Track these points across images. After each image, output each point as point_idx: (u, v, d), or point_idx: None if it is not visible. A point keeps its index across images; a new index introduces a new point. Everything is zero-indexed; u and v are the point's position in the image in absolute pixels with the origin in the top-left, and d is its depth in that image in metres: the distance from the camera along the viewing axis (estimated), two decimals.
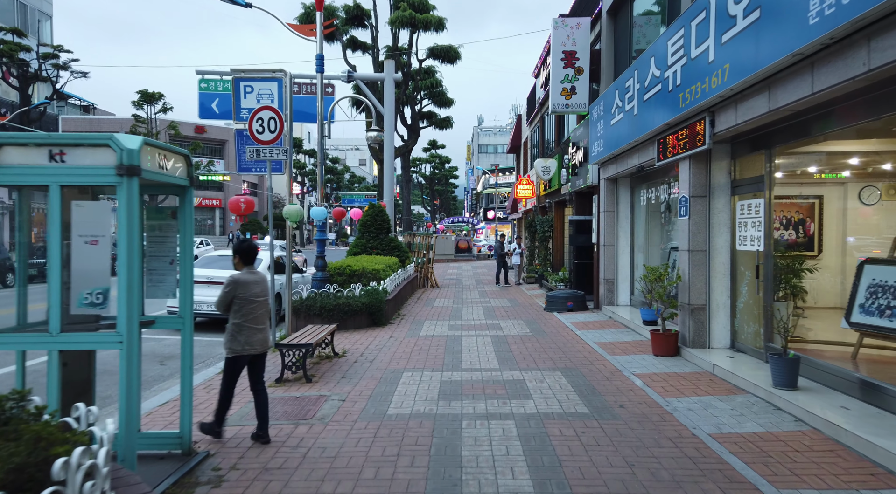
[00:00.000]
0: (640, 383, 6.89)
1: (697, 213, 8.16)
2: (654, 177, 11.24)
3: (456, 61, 26.81)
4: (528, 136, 27.91)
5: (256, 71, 10.22)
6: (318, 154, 12.13)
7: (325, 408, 6.02)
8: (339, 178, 77.59)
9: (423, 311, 13.72)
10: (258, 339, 5.14)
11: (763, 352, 7.20)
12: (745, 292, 7.79)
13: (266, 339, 5.25)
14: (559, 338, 10.02)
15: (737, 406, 5.86)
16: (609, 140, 11.54)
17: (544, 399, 6.27)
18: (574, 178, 15.56)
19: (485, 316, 12.86)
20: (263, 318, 5.23)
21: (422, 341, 9.91)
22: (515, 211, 31.67)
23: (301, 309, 10.81)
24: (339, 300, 10.96)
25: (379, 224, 16.63)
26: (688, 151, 8.00)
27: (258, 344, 5.15)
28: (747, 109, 6.48)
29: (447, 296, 17.03)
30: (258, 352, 5.17)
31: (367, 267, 12.76)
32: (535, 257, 24.69)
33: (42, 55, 26.22)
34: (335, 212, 14.56)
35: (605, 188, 12.93)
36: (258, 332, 5.13)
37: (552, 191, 19.72)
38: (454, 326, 11.50)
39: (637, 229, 12.69)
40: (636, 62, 9.67)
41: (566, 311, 13.37)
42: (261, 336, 5.17)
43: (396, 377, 7.35)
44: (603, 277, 12.96)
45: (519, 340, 9.90)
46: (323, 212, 11.27)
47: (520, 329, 11.12)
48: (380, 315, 11.38)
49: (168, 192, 4.83)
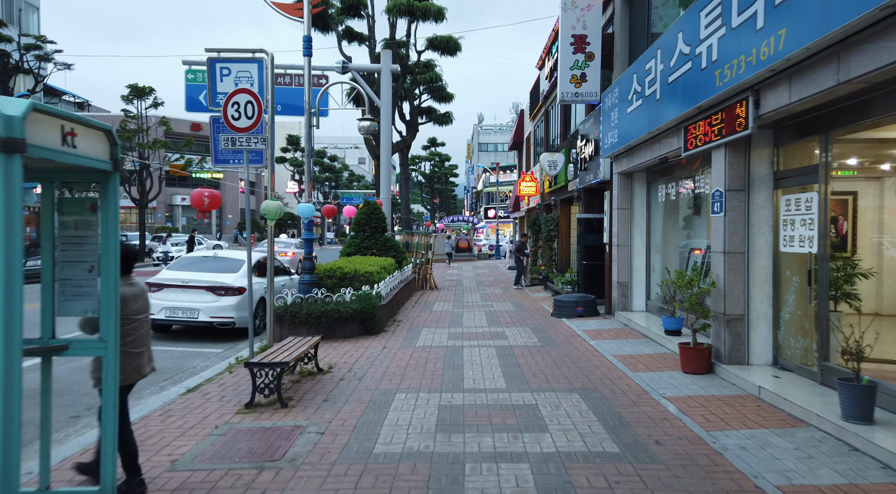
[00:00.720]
0: (675, 409, 5.84)
1: (734, 210, 7.11)
2: (672, 171, 10.18)
3: (456, 53, 25.69)
4: (531, 132, 26.85)
5: (234, 50, 9.17)
6: (306, 147, 11.08)
7: (300, 444, 4.97)
8: (338, 177, 76.55)
9: (421, 317, 12.67)
10: (133, 366, 4.05)
11: (816, 372, 6.14)
12: (791, 301, 6.74)
13: (141, 366, 4.13)
14: (572, 350, 8.96)
15: (801, 444, 4.81)
16: (625, 130, 10.48)
17: (563, 431, 5.22)
18: (583, 174, 14.51)
19: (488, 323, 11.81)
20: (144, 340, 4.13)
21: (419, 353, 8.86)
22: (517, 209, 30.62)
23: (285, 317, 9.75)
24: (327, 306, 9.90)
25: (374, 222, 15.57)
26: (723, 138, 6.94)
27: (133, 373, 4.06)
28: (806, 84, 5.42)
29: (447, 299, 15.98)
30: (130, 382, 4.08)
31: (360, 270, 11.70)
32: (539, 257, 23.64)
33: (24, 46, 25.12)
34: (325, 210, 13.47)
35: (618, 183, 11.87)
36: (135, 358, 4.06)
37: (558, 187, 18.67)
38: (454, 335, 10.45)
39: (653, 228, 11.64)
40: (659, 40, 8.61)
41: (576, 317, 12.32)
42: (137, 362, 4.08)
43: (388, 400, 6.30)
44: (616, 280, 11.91)
45: (527, 352, 8.85)
46: (310, 208, 10.22)
47: (527, 338, 10.06)
48: (373, 322, 10.33)
49: (89, 179, 3.78)
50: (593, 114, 13.27)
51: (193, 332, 11.10)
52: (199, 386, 6.96)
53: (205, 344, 10.16)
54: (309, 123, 11.06)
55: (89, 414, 6.26)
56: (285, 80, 20.12)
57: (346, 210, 18.02)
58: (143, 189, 32.71)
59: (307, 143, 11.05)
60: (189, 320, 10.24)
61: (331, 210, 12.80)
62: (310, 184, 11.13)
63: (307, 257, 10.84)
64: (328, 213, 12.91)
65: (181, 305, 10.25)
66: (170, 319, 10.26)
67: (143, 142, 31.98)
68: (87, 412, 6.37)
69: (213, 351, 9.55)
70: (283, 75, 19.93)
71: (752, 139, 7.00)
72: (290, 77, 20.08)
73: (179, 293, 10.35)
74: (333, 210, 12.84)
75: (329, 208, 12.90)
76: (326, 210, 12.90)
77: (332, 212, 12.69)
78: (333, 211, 14.73)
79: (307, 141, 11.06)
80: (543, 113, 22.74)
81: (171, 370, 8.31)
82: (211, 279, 10.45)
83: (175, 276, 10.59)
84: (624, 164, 11.44)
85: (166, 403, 6.28)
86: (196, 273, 10.72)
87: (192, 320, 10.22)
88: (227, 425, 5.49)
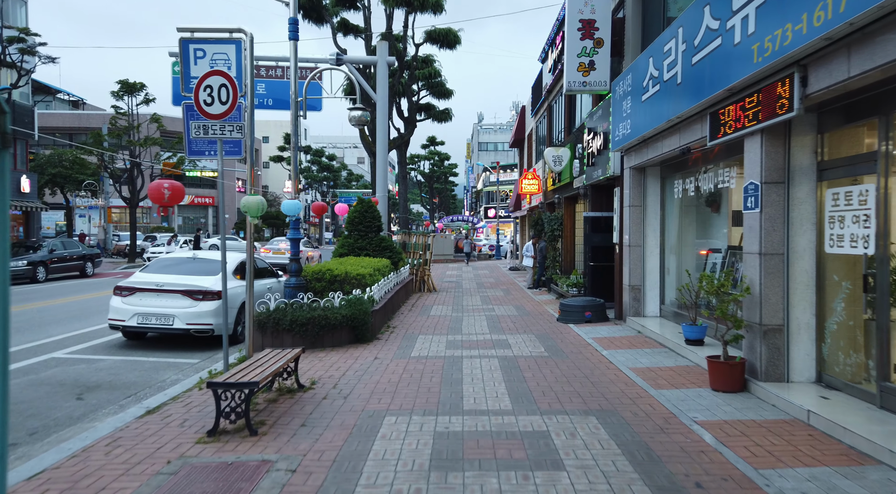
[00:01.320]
0: (711, 439, 4.97)
1: (772, 205, 6.24)
2: (690, 165, 9.33)
3: (455, 46, 24.85)
4: (533, 128, 25.99)
5: (209, 30, 8.29)
6: (293, 138, 10.22)
7: (264, 487, 4.10)
8: (336, 176, 75.68)
9: (418, 322, 11.80)
10: None
11: (874, 394, 5.28)
12: (840, 309, 5.88)
13: None
14: (583, 362, 8.10)
15: (876, 489, 3.95)
16: (639, 120, 9.62)
17: (582, 469, 4.35)
18: (590, 169, 13.64)
19: (489, 329, 10.94)
20: None
21: (413, 364, 8.00)
22: (519, 208, 29.76)
23: (268, 324, 8.89)
24: (314, 312, 9.03)
25: (368, 221, 14.70)
26: (760, 123, 6.08)
27: None
28: (873, 54, 4.56)
29: (446, 303, 15.12)
30: None
31: (352, 272, 10.84)
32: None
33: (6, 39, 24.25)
34: (315, 207, 12.58)
35: (630, 179, 11.01)
36: None
37: (562, 185, 17.80)
38: (453, 343, 9.59)
39: (668, 227, 10.78)
40: (681, 17, 7.74)
41: (584, 323, 11.45)
42: None
43: (375, 425, 5.44)
44: (628, 283, 11.04)
45: (534, 364, 7.99)
46: (296, 205, 9.35)
47: (532, 347, 9.20)
48: (364, 329, 9.46)
49: None
50: (602, 105, 12.40)
51: (169, 340, 10.22)
52: (162, 406, 6.09)
53: (181, 353, 9.28)
54: (295, 113, 10.19)
55: (32, 441, 5.40)
56: (277, 72, 19.25)
57: (338, 208, 17.09)
58: (134, 188, 31.85)
59: (293, 134, 10.18)
60: (163, 327, 9.37)
61: (320, 207, 11.87)
62: (296, 180, 10.27)
63: (293, 258, 9.97)
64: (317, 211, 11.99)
65: (155, 311, 9.37)
66: (142, 326, 9.39)
67: (134, 139, 31.13)
68: (28, 438, 5.50)
69: (188, 362, 8.69)
70: (274, 68, 19.07)
71: (794, 124, 6.13)
72: (281, 69, 19.20)
73: (153, 298, 9.48)
74: (323, 207, 11.93)
75: (319, 205, 11.96)
76: (316, 207, 11.97)
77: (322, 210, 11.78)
78: (323, 208, 13.85)
79: (293, 132, 10.19)
80: (546, 108, 21.88)
81: (138, 384, 7.45)
82: (188, 282, 9.58)
83: (148, 279, 9.71)
84: (636, 158, 10.58)
85: (118, 428, 5.41)
86: (172, 276, 9.84)
87: (166, 327, 9.35)
88: (182, 459, 4.62)
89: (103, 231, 39.02)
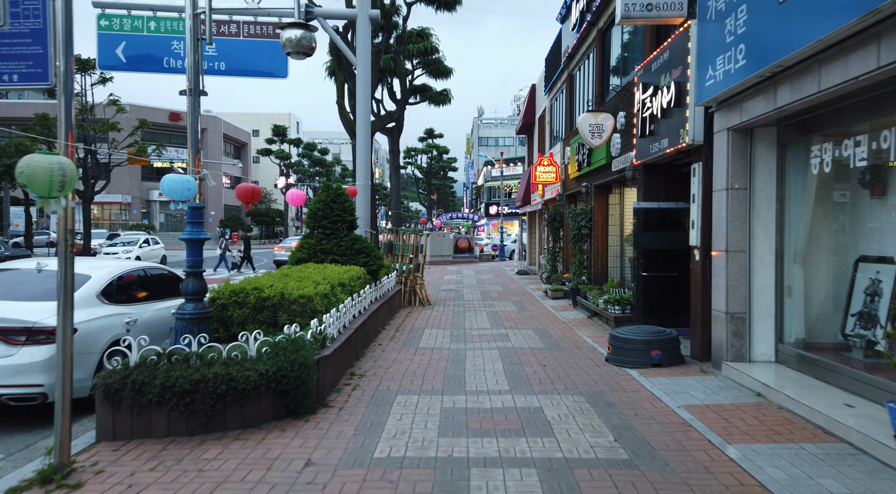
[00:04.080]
0: None
1: None
2: (840, 121, 5.47)
3: (455, 7, 20.94)
4: (547, 107, 22.05)
5: None
6: (194, 88, 6.34)
7: None
8: (329, 171, 71.78)
9: (399, 365, 7.90)
10: None
11: None
12: None
13: None
14: (700, 480, 4.19)
15: None
16: (773, 35, 5.71)
17: None
18: (644, 141, 9.73)
19: (509, 382, 7.01)
20: None
21: (377, 474, 4.12)
22: (528, 203, 25.82)
23: (123, 394, 4.98)
24: (206, 370, 5.12)
25: (337, 215, 10.76)
26: None
27: None
28: None
29: (441, 325, 11.22)
30: None
31: (293, 292, 6.91)
32: (558, 261, 18.87)
33: None
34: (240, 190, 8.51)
35: (730, 147, 7.09)
36: None
37: (592, 169, 13.89)
38: (451, 412, 5.69)
39: (791, 223, 6.91)
40: None
41: (650, 367, 7.57)
42: None
43: None
44: (725, 309, 7.13)
45: (598, 477, 4.09)
46: (183, 184, 5.46)
47: (587, 424, 5.29)
48: (300, 394, 5.54)
49: None
50: (674, 42, 8.46)
51: None
52: None
53: None
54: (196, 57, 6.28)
55: None
56: (231, 29, 15.23)
57: (290, 195, 13.03)
58: (87, 178, 27.91)
59: (194, 75, 6.27)
60: None
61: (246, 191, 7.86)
62: (197, 156, 6.36)
63: (191, 271, 6.04)
64: (242, 197, 7.98)
65: None
66: None
67: (86, 123, 27.19)
68: None
69: None
70: (227, 23, 15.10)
71: None
72: (236, 25, 15.22)
73: None
74: (251, 191, 7.89)
75: (245, 188, 7.94)
76: (241, 191, 7.97)
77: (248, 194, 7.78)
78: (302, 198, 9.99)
79: (194, 72, 6.28)
80: (566, 78, 17.93)
81: None
82: (3, 313, 5.69)
83: None
84: (742, 113, 6.68)
85: None
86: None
87: None
88: None
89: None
